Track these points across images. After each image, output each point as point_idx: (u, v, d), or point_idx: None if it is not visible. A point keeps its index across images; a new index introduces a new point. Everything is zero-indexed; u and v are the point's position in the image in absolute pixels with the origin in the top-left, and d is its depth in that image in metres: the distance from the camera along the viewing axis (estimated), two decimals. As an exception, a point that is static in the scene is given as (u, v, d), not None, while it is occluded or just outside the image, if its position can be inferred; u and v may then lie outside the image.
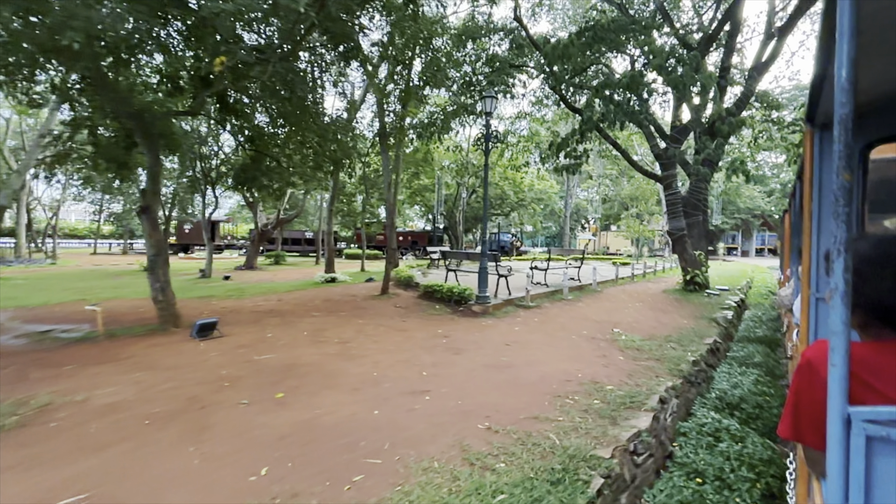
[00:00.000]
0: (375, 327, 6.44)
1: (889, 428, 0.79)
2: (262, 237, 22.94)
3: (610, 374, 4.29)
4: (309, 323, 6.83)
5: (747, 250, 44.65)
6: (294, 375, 4.11)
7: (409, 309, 8.15)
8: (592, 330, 6.39)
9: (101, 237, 52.30)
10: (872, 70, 1.32)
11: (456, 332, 6.15)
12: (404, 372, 4.25)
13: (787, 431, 1.02)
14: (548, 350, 5.20)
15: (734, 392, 4.39)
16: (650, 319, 7.36)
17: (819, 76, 1.35)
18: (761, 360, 6.09)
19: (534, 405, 3.42)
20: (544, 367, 4.49)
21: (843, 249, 0.76)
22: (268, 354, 4.87)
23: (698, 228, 11.12)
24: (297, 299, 9.71)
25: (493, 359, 4.77)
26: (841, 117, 0.76)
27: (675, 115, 11.46)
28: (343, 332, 6.15)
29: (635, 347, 5.38)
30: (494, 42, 12.84)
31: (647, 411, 3.38)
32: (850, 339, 0.77)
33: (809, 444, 0.99)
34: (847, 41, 0.76)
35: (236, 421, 3.03)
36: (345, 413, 3.19)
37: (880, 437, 0.79)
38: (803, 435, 1.00)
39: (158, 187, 6.40)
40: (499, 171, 29.83)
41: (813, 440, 0.96)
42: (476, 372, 4.28)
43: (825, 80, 1.35)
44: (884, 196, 3.06)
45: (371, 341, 5.55)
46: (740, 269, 21.75)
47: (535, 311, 8.02)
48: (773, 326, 8.66)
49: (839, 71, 0.77)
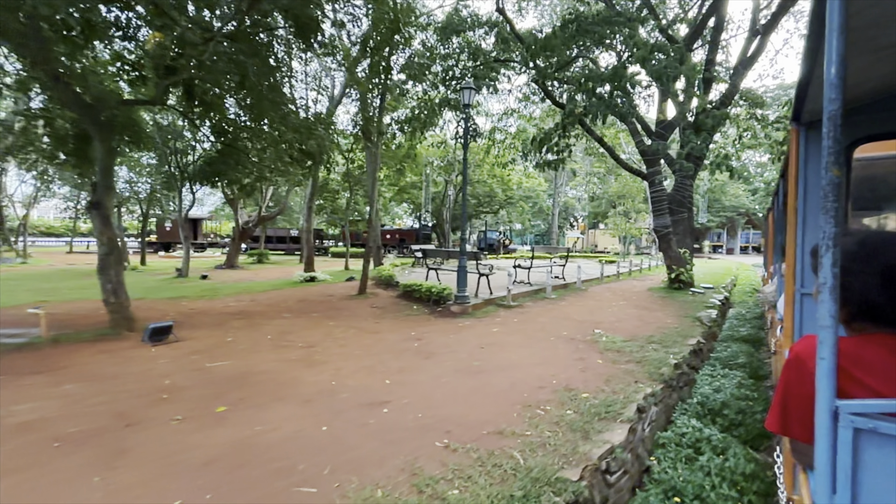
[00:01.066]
0: (345, 330, 6.11)
1: (876, 420, 0.79)
2: (244, 235, 22.36)
3: (587, 380, 4.03)
4: (276, 325, 6.46)
5: (732, 248, 45.21)
6: (245, 385, 3.76)
7: (385, 309, 7.83)
8: (573, 331, 6.15)
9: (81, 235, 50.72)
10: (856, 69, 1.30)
11: (430, 335, 5.85)
12: (366, 380, 3.93)
13: (776, 425, 1.03)
14: (524, 353, 4.93)
15: (716, 397, 4.17)
16: (633, 319, 7.16)
17: (806, 76, 1.34)
18: (745, 360, 5.92)
19: (501, 417, 3.14)
20: (518, 372, 4.21)
21: (832, 244, 0.77)
22: (222, 361, 4.50)
23: (683, 226, 10.99)
24: (270, 299, 9.31)
25: (465, 363, 4.48)
26: (830, 113, 0.77)
27: (660, 111, 11.30)
28: (310, 335, 5.80)
29: (615, 349, 5.14)
30: (479, 36, 12.54)
31: (623, 423, 3.12)
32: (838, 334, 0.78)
33: (797, 437, 1.00)
34: (836, 38, 0.76)
35: (161, 442, 2.68)
36: (289, 430, 2.86)
37: (867, 429, 0.80)
38: (791, 428, 1.00)
39: (111, 181, 5.95)
40: (487, 169, 29.59)
41: (800, 433, 0.98)
42: (444, 379, 3.99)
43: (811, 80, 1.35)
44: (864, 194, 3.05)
45: (338, 345, 5.22)
46: (725, 266, 21.87)
47: (516, 310, 7.76)
48: (757, 324, 8.55)
49: (829, 68, 0.77)
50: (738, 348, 6.52)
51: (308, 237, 13.90)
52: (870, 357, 0.92)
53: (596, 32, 8.01)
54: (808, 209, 1.90)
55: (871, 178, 2.74)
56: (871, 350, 0.93)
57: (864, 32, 1.07)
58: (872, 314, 0.97)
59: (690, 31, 9.81)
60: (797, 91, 1.53)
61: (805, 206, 1.91)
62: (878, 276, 0.95)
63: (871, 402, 0.82)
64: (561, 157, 8.54)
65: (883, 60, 1.28)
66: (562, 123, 7.48)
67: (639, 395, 3.65)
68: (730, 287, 13.49)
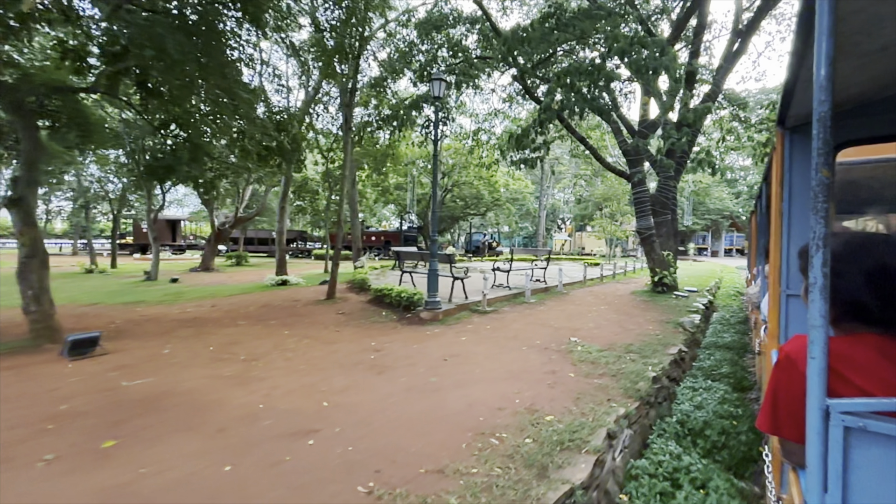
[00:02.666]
0: (299, 340, 5.57)
1: (865, 419, 0.80)
2: (220, 237, 21.59)
3: (554, 398, 3.58)
4: (226, 334, 5.89)
5: (717, 250, 45.62)
6: (155, 409, 3.21)
7: (350, 316, 7.30)
8: (547, 339, 5.71)
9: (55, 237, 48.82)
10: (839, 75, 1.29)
11: (392, 344, 5.35)
12: (301, 401, 3.42)
13: (766, 425, 1.03)
14: (490, 366, 4.47)
15: (698, 415, 3.76)
16: (613, 325, 6.76)
17: (791, 80, 1.36)
18: (729, 369, 5.56)
19: (447, 449, 2.66)
20: (479, 389, 3.74)
21: (822, 244, 0.79)
22: (143, 379, 3.94)
23: (667, 227, 10.69)
24: (232, 305, 8.71)
25: (421, 380, 3.99)
26: (820, 115, 0.80)
27: (643, 111, 11.01)
28: (258, 346, 5.25)
29: (590, 361, 4.71)
30: (461, 34, 12.12)
31: (589, 454, 2.67)
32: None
33: (787, 436, 1.00)
34: (826, 41, 0.78)
35: (9, 493, 2.13)
36: (182, 472, 2.34)
37: (857, 427, 0.81)
38: (782, 428, 1.00)
39: (35, 176, 5.33)
40: (474, 171, 29.22)
41: (790, 433, 0.98)
42: (392, 399, 3.49)
43: (796, 85, 1.37)
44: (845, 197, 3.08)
45: (284, 358, 4.69)
46: (709, 269, 21.80)
47: (491, 316, 7.31)
48: (741, 329, 8.24)
49: (818, 70, 0.79)
50: (722, 356, 6.17)
51: (280, 239, 13.25)
52: (858, 357, 0.92)
53: (576, 27, 7.66)
54: (794, 211, 1.91)
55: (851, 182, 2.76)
56: (859, 350, 0.93)
57: (848, 38, 1.07)
58: (859, 314, 0.98)
59: (673, 29, 9.54)
60: (782, 96, 1.53)
61: (790, 208, 1.92)
62: (864, 276, 0.96)
63: (861, 401, 0.82)
64: (539, 156, 8.13)
65: (865, 66, 1.28)
66: (539, 119, 7.07)
67: (610, 416, 3.21)
68: (714, 290, 13.27)
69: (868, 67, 1.29)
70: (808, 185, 1.83)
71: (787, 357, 0.98)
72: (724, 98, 13.35)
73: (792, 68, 1.26)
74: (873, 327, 0.96)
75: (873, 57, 1.20)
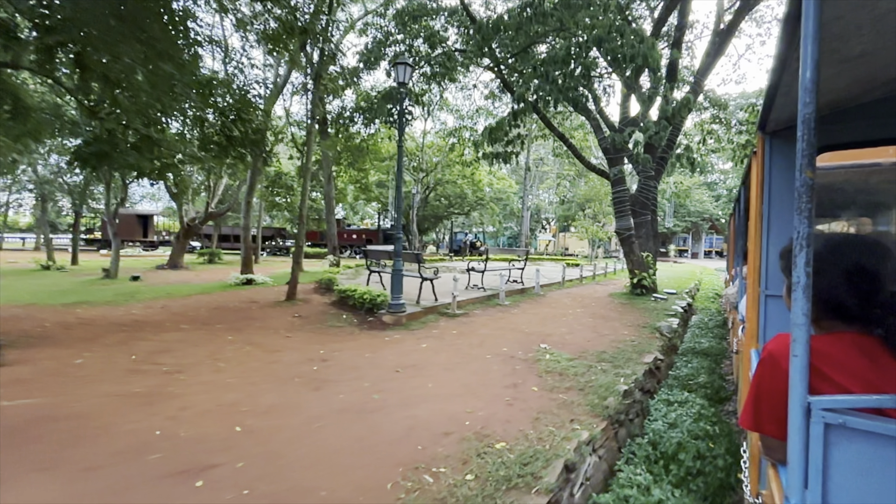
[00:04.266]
0: (240, 347, 5.00)
1: (845, 416, 0.82)
2: (189, 233, 20.63)
3: (510, 419, 3.13)
4: (159, 341, 5.27)
5: (697, 252, 46.27)
6: (24, 439, 2.63)
7: (307, 319, 6.74)
8: (515, 346, 5.28)
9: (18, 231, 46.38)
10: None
11: (342, 353, 4.83)
12: (210, 426, 2.88)
13: (749, 422, 1.04)
14: (445, 378, 4.00)
15: (671, 436, 3.36)
16: (587, 330, 6.37)
17: (773, 86, 1.37)
18: (706, 378, 5.23)
19: (366, 491, 2.17)
20: (426, 408, 3.27)
21: (806, 244, 0.80)
22: (28, 399, 3.32)
23: (647, 228, 10.41)
24: (184, 306, 8.03)
25: (362, 397, 3.49)
26: (805, 116, 0.80)
27: (623, 109, 10.72)
28: (191, 354, 4.66)
29: (558, 371, 4.29)
30: (440, 25, 11.63)
31: (541, 494, 2.22)
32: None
33: (768, 433, 1.02)
34: (811, 44, 0.79)
35: None
36: (6, 534, 1.79)
37: (837, 424, 0.83)
38: (763, 425, 1.02)
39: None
40: (458, 170, 28.76)
41: (772, 430, 1.00)
42: (320, 423, 2.98)
43: (778, 90, 1.38)
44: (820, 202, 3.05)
45: (213, 370, 4.12)
46: (689, 270, 21.86)
47: (460, 320, 6.85)
48: (720, 334, 8.00)
49: (804, 73, 0.80)
50: (699, 364, 5.85)
51: (245, 235, 12.53)
52: (838, 355, 0.93)
53: (555, 16, 7.26)
54: (773, 214, 1.94)
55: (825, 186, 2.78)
56: (839, 348, 0.94)
57: (827, 45, 1.07)
58: (839, 312, 0.99)
59: (654, 24, 9.26)
60: (765, 101, 1.56)
61: (770, 210, 1.95)
62: (844, 276, 0.98)
63: (842, 398, 0.84)
64: (514, 150, 7.70)
65: (843, 73, 1.28)
66: (512, 110, 6.63)
67: (571, 443, 2.77)
68: (693, 292, 13.12)
69: (845, 74, 1.29)
70: (787, 188, 1.89)
71: (771, 355, 0.99)
72: (705, 98, 13.22)
73: (775, 73, 1.27)
74: (852, 325, 0.98)
75: (851, 63, 1.20)
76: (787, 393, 0.84)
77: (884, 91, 1.42)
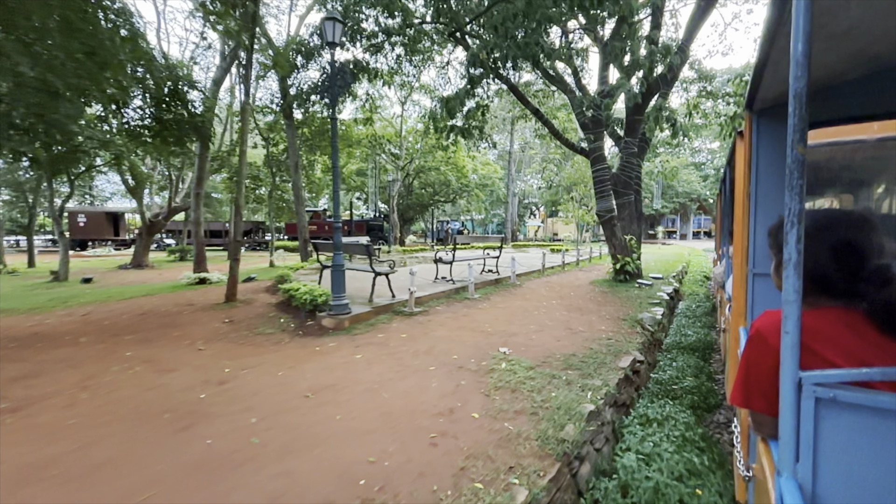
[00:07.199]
0: (128, 367, 4.07)
1: (835, 390, 0.83)
2: (153, 229, 19.42)
3: (425, 470, 2.28)
4: (34, 361, 4.33)
5: (685, 233, 45.94)
6: None
7: (238, 325, 5.82)
8: (470, 351, 4.44)
9: None
10: None
11: (252, 372, 3.94)
12: (-22, 509, 1.98)
13: (739, 399, 1.05)
14: (363, 405, 3.13)
15: (647, 477, 2.55)
16: (559, 327, 5.56)
17: (760, 63, 1.37)
18: (692, 382, 4.45)
19: None
20: (312, 457, 2.40)
21: (797, 221, 0.79)
22: None
23: (629, 210, 9.59)
24: (108, 313, 7.05)
25: (238, 440, 2.61)
26: (796, 91, 0.79)
27: (602, 76, 9.78)
28: (57, 381, 3.73)
29: (511, 387, 3.45)
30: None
31: None
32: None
33: (758, 409, 1.03)
34: (803, 16, 0.78)
35: None
36: None
37: (828, 398, 0.83)
38: (753, 401, 1.03)
39: None
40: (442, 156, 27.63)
41: (761, 406, 1.01)
42: (154, 489, 2.10)
43: (766, 67, 1.38)
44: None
45: (65, 405, 3.20)
46: (677, 252, 21.26)
47: (416, 319, 5.99)
48: (708, 322, 7.27)
49: (795, 46, 0.79)
50: (685, 362, 5.08)
51: (197, 230, 11.46)
52: (825, 329, 0.94)
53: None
54: (760, 192, 1.94)
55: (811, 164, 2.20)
56: (825, 323, 0.95)
57: (816, 19, 1.00)
58: (825, 287, 1.00)
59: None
60: (752, 79, 1.56)
61: (757, 189, 1.94)
62: (829, 251, 0.99)
63: (831, 373, 0.85)
64: (476, 124, 6.76)
65: (830, 49, 1.27)
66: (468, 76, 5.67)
67: (499, 512, 1.93)
68: (681, 276, 12.43)
69: (832, 50, 1.27)
70: (775, 167, 1.89)
71: (759, 333, 1.01)
72: (690, 67, 12.34)
73: (763, 49, 1.25)
74: (838, 300, 0.99)
75: (838, 39, 1.19)
76: (775, 369, 0.87)
77: (869, 67, 1.40)
